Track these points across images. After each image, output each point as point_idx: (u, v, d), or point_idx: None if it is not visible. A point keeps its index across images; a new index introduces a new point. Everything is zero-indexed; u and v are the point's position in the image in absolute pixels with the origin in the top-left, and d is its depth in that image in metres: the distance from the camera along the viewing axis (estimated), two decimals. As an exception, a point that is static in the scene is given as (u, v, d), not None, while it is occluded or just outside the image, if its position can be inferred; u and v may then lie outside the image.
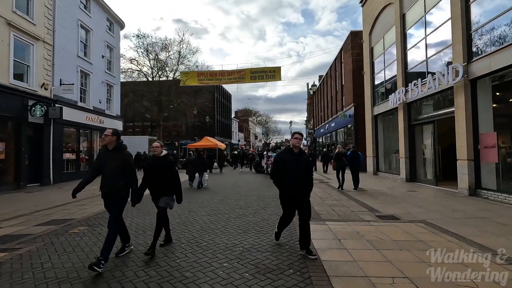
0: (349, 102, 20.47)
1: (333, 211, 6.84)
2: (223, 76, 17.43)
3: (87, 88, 17.22)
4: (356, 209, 6.98)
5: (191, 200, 8.48)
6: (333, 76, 26.32)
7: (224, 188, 11.43)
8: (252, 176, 17.20)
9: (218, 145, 27.28)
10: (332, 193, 9.78)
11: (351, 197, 8.82)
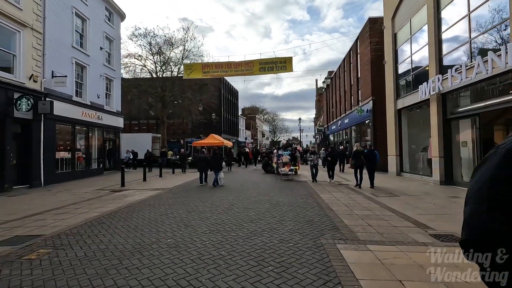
0: (366, 95, 18.80)
1: (369, 226, 5.32)
2: (230, 68, 16.02)
3: (84, 81, 16.01)
4: (398, 224, 5.44)
5: (191, 208, 7.08)
6: (347, 69, 24.59)
7: (230, 191, 10.01)
8: (261, 176, 15.74)
9: (225, 143, 25.90)
10: (357, 198, 8.25)
11: (383, 205, 7.27)
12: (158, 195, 9.41)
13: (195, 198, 8.72)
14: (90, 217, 6.41)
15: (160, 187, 11.70)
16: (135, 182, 13.72)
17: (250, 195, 9.07)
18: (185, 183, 12.79)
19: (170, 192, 10.18)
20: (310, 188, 10.46)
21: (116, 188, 11.74)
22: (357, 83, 21.44)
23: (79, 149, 15.82)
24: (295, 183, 12.09)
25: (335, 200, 7.98)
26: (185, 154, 19.20)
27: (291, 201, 7.93)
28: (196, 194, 9.56)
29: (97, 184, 12.93)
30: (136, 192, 10.32)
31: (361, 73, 20.18)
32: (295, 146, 16.86)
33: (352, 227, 5.26)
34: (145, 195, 9.48)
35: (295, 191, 9.79)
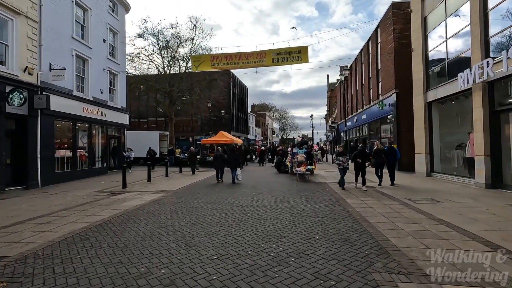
0: (388, 88, 17.23)
1: (428, 248, 3.99)
2: (240, 59, 14.78)
3: (86, 75, 15.08)
4: (465, 245, 4.09)
5: (196, 218, 5.90)
6: (365, 61, 22.95)
7: (242, 195, 8.81)
8: (275, 176, 14.48)
9: (234, 141, 24.77)
10: (393, 205, 6.90)
11: (429, 215, 5.91)
12: (161, 200, 8.30)
13: (202, 203, 7.55)
14: (75, 230, 5.32)
15: (164, 189, 10.62)
16: (139, 182, 12.71)
17: (265, 200, 7.84)
18: (192, 185, 11.67)
19: (175, 195, 9.06)
20: (333, 192, 9.15)
21: (117, 189, 10.74)
22: (376, 75, 19.84)
23: (82, 147, 14.95)
24: (314, 185, 10.79)
25: (368, 208, 6.66)
26: (194, 153, 17.32)
27: (314, 209, 6.66)
28: (204, 198, 8.39)
29: (98, 185, 11.97)
30: (137, 195, 9.25)
31: (382, 64, 18.59)
32: (311, 144, 15.45)
33: (405, 250, 3.95)
34: (146, 199, 8.38)
35: (316, 195, 8.51)
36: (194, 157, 16.81)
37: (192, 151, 17.18)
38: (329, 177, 13.60)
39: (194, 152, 17.32)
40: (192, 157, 16.74)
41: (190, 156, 17.17)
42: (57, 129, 13.12)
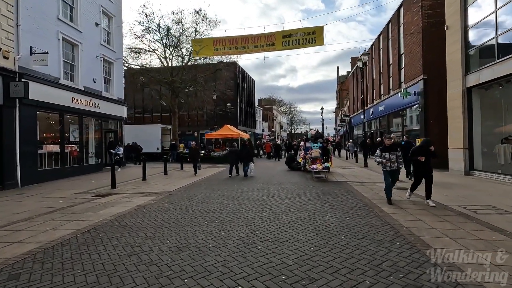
0: (413, 75, 15.25)
1: None
2: (246, 43, 13.06)
3: (75, 62, 13.60)
4: None
5: (185, 239, 4.30)
6: (383, 47, 20.86)
7: (249, 200, 7.19)
8: (286, 174, 12.82)
9: (241, 135, 23.16)
10: (454, 220, 5.14)
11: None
12: (148, 206, 6.74)
13: (198, 212, 5.96)
14: (14, 255, 3.79)
15: (158, 190, 9.09)
16: (133, 182, 11.24)
17: (278, 208, 6.19)
18: (192, 185, 10.11)
19: (167, 199, 7.50)
20: (361, 195, 7.44)
21: (105, 190, 9.28)
22: (398, 61, 17.81)
23: (73, 142, 13.55)
24: (334, 186, 9.08)
25: (416, 222, 4.94)
26: (197, 148, 14.63)
27: (345, 222, 4.98)
28: (201, 204, 6.80)
29: (86, 185, 10.55)
30: (123, 199, 7.74)
31: (405, 48, 16.55)
32: (327, 137, 13.71)
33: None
34: (131, 205, 6.85)
35: (341, 200, 6.82)
36: (196, 154, 13.93)
37: (193, 147, 14.25)
38: (349, 175, 11.85)
39: (196, 148, 14.51)
40: (193, 153, 13.98)
41: (191, 152, 14.67)
42: (42, 122, 11.70)
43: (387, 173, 6.48)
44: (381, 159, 6.45)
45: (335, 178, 10.91)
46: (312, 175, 11.13)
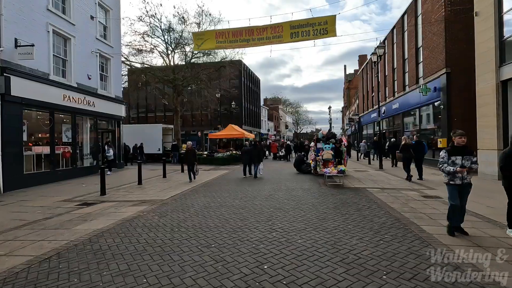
0: (434, 68, 13.95)
1: None
2: (251, 35, 11.97)
3: (68, 57, 12.66)
4: None
5: (169, 276, 3.21)
6: (398, 41, 19.53)
7: (255, 213, 6.08)
8: (296, 178, 11.67)
9: (245, 135, 22.08)
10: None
11: None
12: (134, 220, 5.67)
13: (191, 230, 4.86)
14: None
15: (152, 197, 8.03)
16: (127, 186, 10.23)
17: (291, 225, 5.04)
18: (189, 191, 9.03)
19: (158, 210, 6.42)
20: (387, 207, 6.26)
21: (93, 197, 8.28)
22: (415, 55, 16.49)
23: (66, 143, 12.62)
24: (352, 194, 7.90)
25: (477, 250, 3.75)
26: (193, 149, 11.98)
27: (380, 249, 3.81)
28: (197, 217, 5.71)
29: (75, 190, 9.56)
30: (109, 209, 6.69)
31: (424, 40, 15.24)
32: (340, 137, 12.53)
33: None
34: (115, 218, 5.79)
35: (365, 214, 5.65)
36: (192, 156, 11.37)
37: (189, 147, 11.86)
38: (366, 179, 10.64)
39: (192, 149, 11.83)
40: (189, 155, 11.32)
41: (186, 155, 11.63)
42: (30, 121, 10.77)
43: (455, 189, 4.26)
44: (452, 167, 4.18)
45: (351, 183, 9.72)
46: (325, 180, 9.97)
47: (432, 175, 11.13)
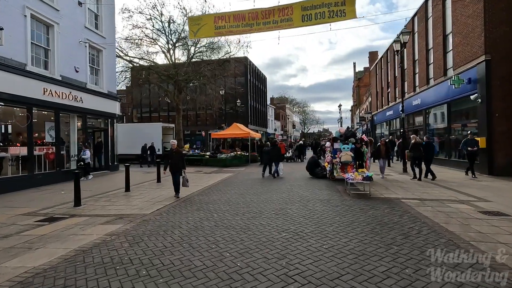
0: (468, 57, 12.07)
1: None
2: (256, 19, 10.39)
3: (50, 46, 11.25)
4: None
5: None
6: (420, 30, 17.58)
7: (257, 240, 4.44)
8: (310, 185, 9.97)
9: (251, 134, 20.44)
10: None
11: None
12: (93, 250, 4.08)
13: (164, 277, 3.24)
14: None
15: (132, 210, 6.46)
16: (112, 193, 8.74)
17: (317, 267, 3.37)
18: (181, 202, 7.44)
19: (133, 233, 4.82)
20: (440, 228, 4.53)
21: (65, 209, 6.79)
22: (443, 43, 14.58)
23: (50, 144, 11.21)
24: (386, 207, 6.17)
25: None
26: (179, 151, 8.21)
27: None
28: (179, 248, 4.09)
29: (49, 199, 8.10)
30: (72, 229, 5.15)
31: (455, 25, 13.34)
32: (360, 136, 10.78)
33: None
34: (69, 247, 4.22)
35: (418, 243, 3.94)
36: (177, 159, 7.78)
37: (173, 149, 7.95)
38: (394, 186, 8.86)
39: (178, 151, 8.08)
40: (173, 159, 7.77)
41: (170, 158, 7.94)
42: (2, 118, 9.37)
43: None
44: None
45: (378, 192, 7.98)
46: (346, 187, 8.25)
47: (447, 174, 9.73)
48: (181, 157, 8.00)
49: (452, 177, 10.83)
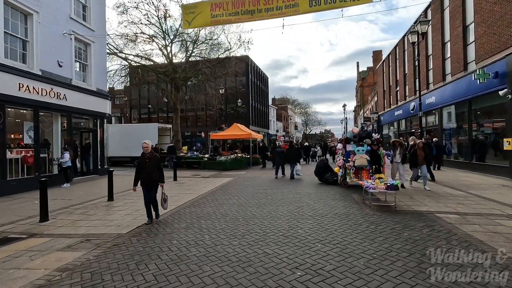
0: (495, 48, 10.80)
1: None
2: (257, 5, 9.21)
3: (28, 37, 10.09)
4: None
5: None
6: (434, 23, 16.28)
7: (265, 281, 3.18)
8: (319, 193, 8.72)
9: (253, 135, 19.21)
10: None
11: None
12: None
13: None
14: None
15: (106, 230, 5.24)
16: (93, 203, 7.52)
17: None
18: (168, 216, 6.22)
19: (90, 270, 3.59)
20: None
21: (26, 225, 5.59)
22: (462, 35, 13.30)
23: (29, 146, 10.04)
24: (423, 226, 4.91)
25: None
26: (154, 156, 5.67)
27: None
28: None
29: (16, 210, 6.97)
30: (17, 260, 3.94)
31: (477, 14, 12.07)
32: (376, 137, 9.53)
33: None
34: None
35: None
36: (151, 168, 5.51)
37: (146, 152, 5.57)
38: (419, 195, 7.58)
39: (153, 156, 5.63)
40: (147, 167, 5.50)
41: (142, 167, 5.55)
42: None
43: None
44: None
45: (403, 203, 6.72)
46: (365, 197, 6.99)
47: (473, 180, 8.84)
48: (158, 165, 5.57)
49: (478, 182, 9.57)
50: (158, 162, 5.66)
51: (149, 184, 5.53)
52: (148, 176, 5.49)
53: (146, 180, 5.52)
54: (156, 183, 5.58)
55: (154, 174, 5.50)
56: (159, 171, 5.59)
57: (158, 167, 5.60)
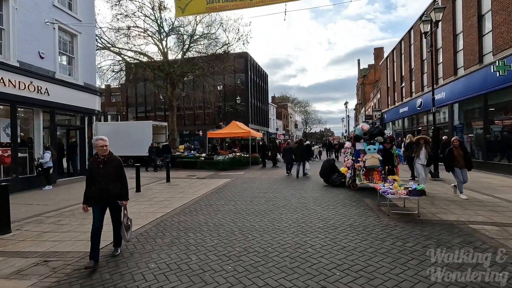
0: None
1: None
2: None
3: (4, 26, 9.15)
4: None
5: None
6: (445, 14, 15.31)
7: None
8: (328, 199, 7.79)
9: (252, 133, 18.29)
10: None
11: None
12: None
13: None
14: None
15: (72, 246, 4.33)
16: (68, 210, 6.62)
17: None
18: (154, 226, 5.29)
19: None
20: None
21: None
22: (477, 25, 12.37)
23: (5, 144, 9.12)
24: (459, 242, 4.00)
25: None
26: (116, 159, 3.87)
27: None
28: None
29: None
30: None
31: (495, 2, 11.13)
32: (389, 134, 8.62)
33: None
34: None
35: None
36: (110, 178, 3.70)
37: (100, 157, 3.74)
38: (441, 200, 6.66)
39: (115, 159, 3.85)
40: (102, 178, 3.65)
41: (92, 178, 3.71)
42: None
43: None
44: None
45: (427, 210, 5.80)
46: (381, 202, 6.07)
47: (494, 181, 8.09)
48: (119, 173, 3.81)
49: (501, 184, 8.69)
50: (119, 168, 3.82)
51: (103, 200, 3.68)
52: (103, 189, 3.63)
53: (99, 195, 3.63)
54: (115, 199, 3.77)
55: (111, 186, 3.68)
56: (120, 182, 3.79)
57: (119, 176, 3.79)
